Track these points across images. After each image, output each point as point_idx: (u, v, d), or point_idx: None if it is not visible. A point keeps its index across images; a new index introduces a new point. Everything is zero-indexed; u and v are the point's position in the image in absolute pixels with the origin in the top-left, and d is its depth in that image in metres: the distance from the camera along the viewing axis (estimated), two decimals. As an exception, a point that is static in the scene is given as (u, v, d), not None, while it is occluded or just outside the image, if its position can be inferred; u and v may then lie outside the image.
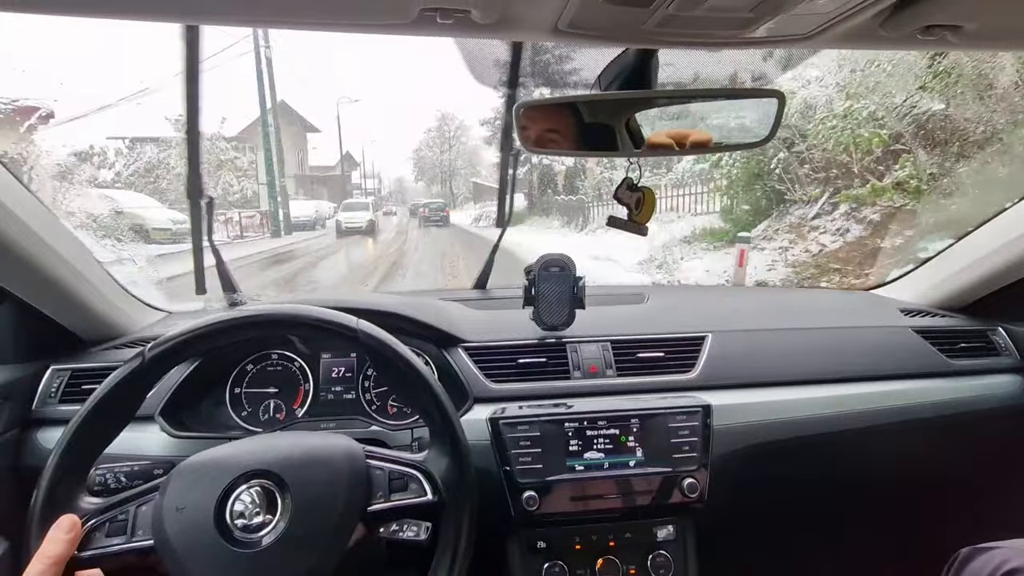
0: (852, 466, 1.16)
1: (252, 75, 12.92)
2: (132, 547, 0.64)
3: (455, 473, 0.71)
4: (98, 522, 0.65)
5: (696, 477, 0.94)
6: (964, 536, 0.87)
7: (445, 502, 0.69)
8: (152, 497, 0.66)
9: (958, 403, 1.14)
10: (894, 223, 5.70)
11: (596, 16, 0.49)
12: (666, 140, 0.79)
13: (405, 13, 0.47)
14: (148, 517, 0.65)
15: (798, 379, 1.11)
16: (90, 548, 0.63)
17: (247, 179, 14.16)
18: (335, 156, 28.42)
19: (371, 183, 40.97)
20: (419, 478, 0.70)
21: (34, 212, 0.89)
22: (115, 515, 0.66)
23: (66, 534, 0.62)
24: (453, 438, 0.72)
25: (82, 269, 1.00)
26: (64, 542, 0.61)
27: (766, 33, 0.56)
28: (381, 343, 0.73)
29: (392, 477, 0.70)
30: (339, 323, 0.73)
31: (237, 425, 1.02)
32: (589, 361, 1.07)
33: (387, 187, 47.13)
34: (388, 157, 48.17)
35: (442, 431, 0.73)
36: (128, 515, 0.65)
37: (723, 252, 7.52)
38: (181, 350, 0.71)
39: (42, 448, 0.94)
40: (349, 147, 33.15)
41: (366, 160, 39.99)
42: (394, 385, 0.77)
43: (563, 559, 0.95)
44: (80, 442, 0.67)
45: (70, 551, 0.61)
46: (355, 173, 36.20)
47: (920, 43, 0.59)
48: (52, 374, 1.00)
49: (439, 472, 0.71)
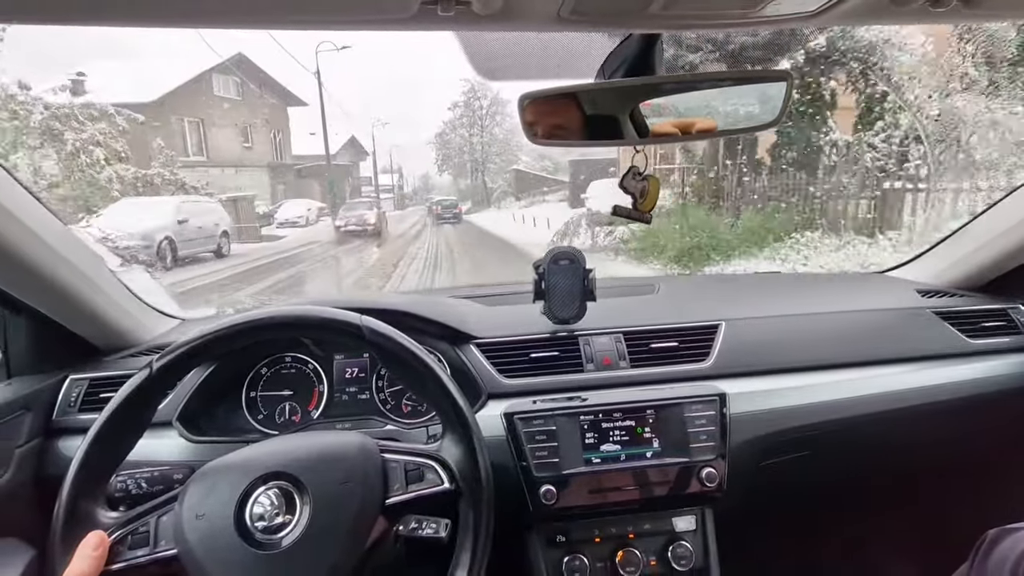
0: (873, 451, 1.14)
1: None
2: (156, 557, 0.65)
3: (470, 461, 0.71)
4: (121, 535, 0.66)
5: (714, 466, 0.93)
6: (991, 518, 0.86)
7: (462, 490, 0.70)
8: (171, 507, 0.67)
9: (979, 383, 1.12)
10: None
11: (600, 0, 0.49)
12: (671, 129, 0.78)
13: (406, 8, 0.47)
14: (169, 526, 0.65)
15: (815, 364, 1.10)
16: (116, 561, 0.64)
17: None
18: (335, 141, 21.72)
19: (385, 178, 33.86)
20: (435, 467, 0.71)
21: (48, 225, 0.90)
22: (137, 527, 0.66)
23: (93, 551, 0.62)
24: (465, 426, 0.72)
25: (97, 279, 1.01)
26: (92, 559, 0.62)
27: (773, 12, 0.54)
28: (386, 338, 0.73)
29: (408, 468, 0.70)
30: (342, 321, 0.73)
31: (254, 428, 1.03)
32: (602, 353, 1.07)
33: (411, 184, 41.58)
34: (410, 148, 39.55)
35: (454, 420, 0.73)
36: (149, 526, 0.66)
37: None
38: (188, 359, 0.72)
39: (64, 457, 0.96)
40: (355, 133, 27.14)
41: (385, 152, 33.12)
42: (403, 379, 0.78)
43: (583, 552, 0.95)
44: (96, 456, 0.68)
45: (99, 568, 0.62)
46: (363, 164, 29.91)
47: (931, 15, 0.57)
48: (71, 384, 1.02)
49: (454, 460, 0.71)
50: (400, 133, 58.63)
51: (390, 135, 54.45)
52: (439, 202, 22.25)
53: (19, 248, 0.84)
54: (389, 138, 43.90)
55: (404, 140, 45.60)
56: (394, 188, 35.48)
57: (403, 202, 35.42)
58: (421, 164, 39.10)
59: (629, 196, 0.88)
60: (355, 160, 28.64)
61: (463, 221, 20.51)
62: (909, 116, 6.59)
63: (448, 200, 22.53)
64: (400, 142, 38.22)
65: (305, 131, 19.89)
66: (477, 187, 30.46)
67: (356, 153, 28.48)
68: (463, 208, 23.36)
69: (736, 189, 7.93)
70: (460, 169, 32.08)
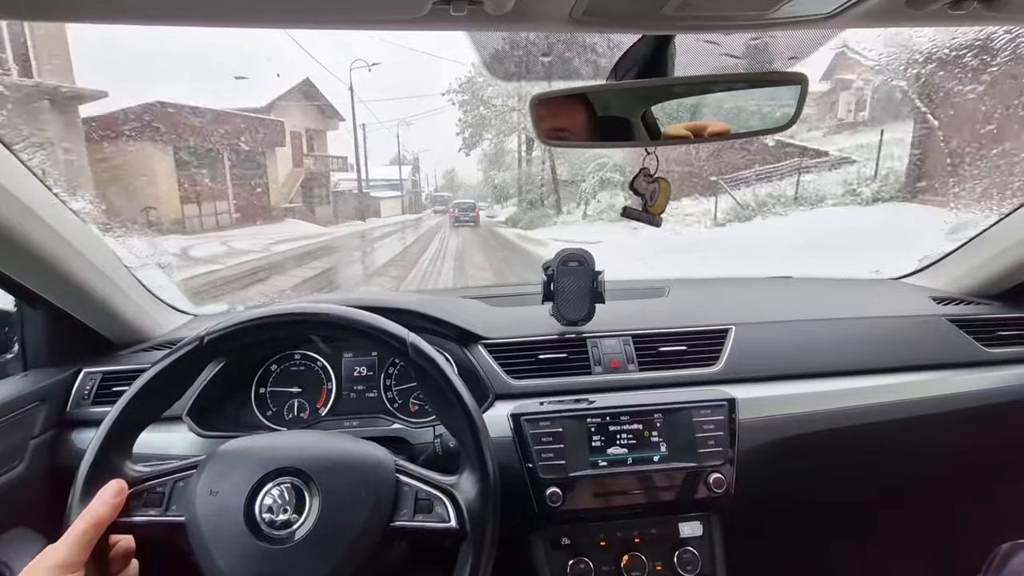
0: (884, 460, 1.13)
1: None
2: (165, 520, 0.66)
3: (481, 504, 0.70)
4: (138, 491, 0.67)
5: (722, 472, 0.93)
6: (1003, 531, 0.84)
7: (467, 532, 0.68)
8: (191, 475, 0.68)
9: (995, 393, 1.10)
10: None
11: (613, 1, 0.48)
12: (683, 132, 0.77)
13: (418, 7, 0.47)
14: (184, 494, 0.66)
15: (826, 371, 1.08)
16: (129, 515, 0.65)
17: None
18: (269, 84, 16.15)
19: (401, 172, 27.76)
20: (445, 502, 0.69)
21: (68, 223, 0.92)
22: (154, 486, 0.68)
23: (112, 497, 0.64)
24: (483, 465, 0.71)
25: (112, 275, 1.03)
26: (110, 505, 0.63)
27: (787, 13, 0.54)
28: (429, 361, 0.73)
29: (419, 496, 0.69)
30: (390, 332, 0.73)
31: (263, 424, 1.04)
32: (610, 356, 1.06)
33: (434, 182, 37.10)
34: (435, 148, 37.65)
35: (475, 460, 0.72)
36: (166, 488, 0.67)
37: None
38: (236, 337, 0.73)
39: (77, 448, 0.97)
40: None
41: (403, 146, 27.64)
42: (434, 403, 0.77)
43: (588, 555, 0.95)
44: (133, 411, 0.70)
45: (114, 515, 0.63)
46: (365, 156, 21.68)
47: (950, 18, 0.56)
48: (85, 377, 1.03)
49: (465, 499, 0.69)
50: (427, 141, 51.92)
51: (418, 141, 49.73)
52: (456, 204, 21.97)
53: (41, 245, 0.86)
54: (415, 142, 40.21)
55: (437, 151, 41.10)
56: (402, 184, 28.64)
57: (418, 204, 30.87)
58: (447, 160, 35.43)
59: (639, 197, 0.87)
60: (320, 127, 19.59)
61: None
62: None
63: (465, 203, 22.16)
64: (429, 149, 34.61)
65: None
66: (519, 179, 20.20)
67: (321, 117, 19.37)
68: (502, 216, 20.83)
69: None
70: (497, 158, 22.81)
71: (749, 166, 11.03)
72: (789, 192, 10.07)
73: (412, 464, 0.73)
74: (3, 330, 1.03)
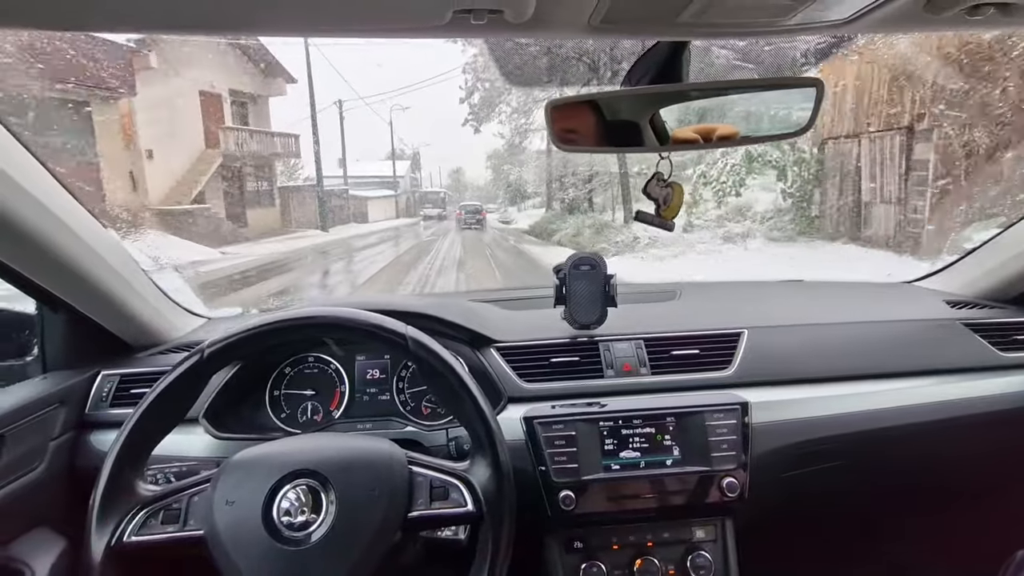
0: (898, 464, 1.12)
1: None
2: (184, 536, 0.67)
3: (496, 486, 0.71)
4: (154, 509, 0.68)
5: (735, 476, 0.92)
6: (1020, 537, 0.83)
7: (484, 514, 0.69)
8: (205, 488, 0.69)
9: (1011, 398, 1.09)
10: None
11: (631, 8, 0.49)
12: (692, 135, 0.78)
13: (439, 16, 0.48)
14: (200, 508, 0.67)
15: (839, 375, 1.08)
16: (147, 534, 0.66)
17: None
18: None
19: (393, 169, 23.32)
20: (460, 488, 0.70)
21: (89, 227, 0.94)
22: (170, 503, 0.69)
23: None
24: (494, 450, 0.72)
25: (131, 279, 1.04)
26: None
27: (804, 19, 0.54)
28: (428, 351, 0.74)
29: (434, 485, 0.70)
30: (388, 328, 0.74)
31: (277, 427, 1.05)
32: (622, 359, 1.06)
33: (438, 181, 33.80)
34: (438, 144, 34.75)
35: (485, 444, 0.73)
36: (182, 504, 0.68)
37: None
38: (235, 348, 0.74)
39: (96, 450, 0.99)
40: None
41: (398, 137, 22.41)
42: (438, 393, 0.78)
43: (601, 559, 0.95)
44: (142, 430, 0.71)
45: None
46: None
47: (967, 23, 0.56)
48: (103, 379, 1.05)
49: (480, 483, 0.71)
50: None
51: (419, 133, 45.45)
52: (463, 207, 21.87)
53: (63, 248, 0.88)
54: (416, 135, 36.27)
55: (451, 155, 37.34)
56: (396, 182, 23.96)
57: (416, 206, 25.34)
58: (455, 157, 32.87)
59: (652, 202, 0.88)
60: (258, 91, 13.15)
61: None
62: None
63: (472, 205, 22.20)
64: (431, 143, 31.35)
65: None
66: (563, 169, 13.90)
67: (259, 76, 12.96)
68: (522, 222, 18.47)
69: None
70: (510, 155, 18.95)
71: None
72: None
73: (424, 455, 0.74)
74: (23, 333, 1.05)
